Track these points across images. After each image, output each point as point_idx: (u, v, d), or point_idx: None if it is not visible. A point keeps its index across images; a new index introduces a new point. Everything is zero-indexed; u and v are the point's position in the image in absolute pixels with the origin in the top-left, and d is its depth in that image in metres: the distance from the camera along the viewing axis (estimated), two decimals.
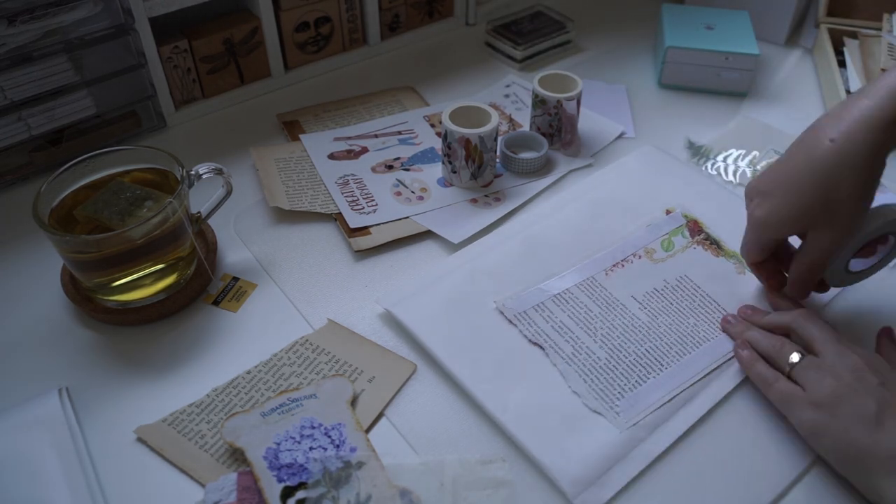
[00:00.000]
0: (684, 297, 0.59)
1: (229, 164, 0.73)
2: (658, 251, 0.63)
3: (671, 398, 0.51)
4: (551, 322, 0.56)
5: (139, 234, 0.53)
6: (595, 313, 0.57)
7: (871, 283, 0.57)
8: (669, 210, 0.67)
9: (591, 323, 0.56)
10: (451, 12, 0.96)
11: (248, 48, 0.81)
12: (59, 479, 0.46)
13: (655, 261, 0.62)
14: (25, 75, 0.65)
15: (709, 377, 0.53)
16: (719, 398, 0.52)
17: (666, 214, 0.66)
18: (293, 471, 0.46)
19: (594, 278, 0.60)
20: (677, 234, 0.64)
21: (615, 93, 0.85)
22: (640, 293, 0.59)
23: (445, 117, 0.67)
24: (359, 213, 0.66)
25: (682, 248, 0.63)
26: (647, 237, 0.64)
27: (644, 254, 0.62)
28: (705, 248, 0.63)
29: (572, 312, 0.57)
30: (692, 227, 0.65)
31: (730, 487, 0.47)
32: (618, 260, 0.62)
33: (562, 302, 0.58)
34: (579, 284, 0.59)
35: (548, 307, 0.57)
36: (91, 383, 0.53)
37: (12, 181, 0.70)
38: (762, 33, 0.92)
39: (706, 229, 0.64)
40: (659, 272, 0.61)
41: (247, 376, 0.53)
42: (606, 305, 0.58)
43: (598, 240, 0.64)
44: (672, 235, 0.64)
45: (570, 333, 0.55)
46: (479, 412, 0.51)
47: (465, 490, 0.46)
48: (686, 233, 0.64)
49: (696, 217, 0.66)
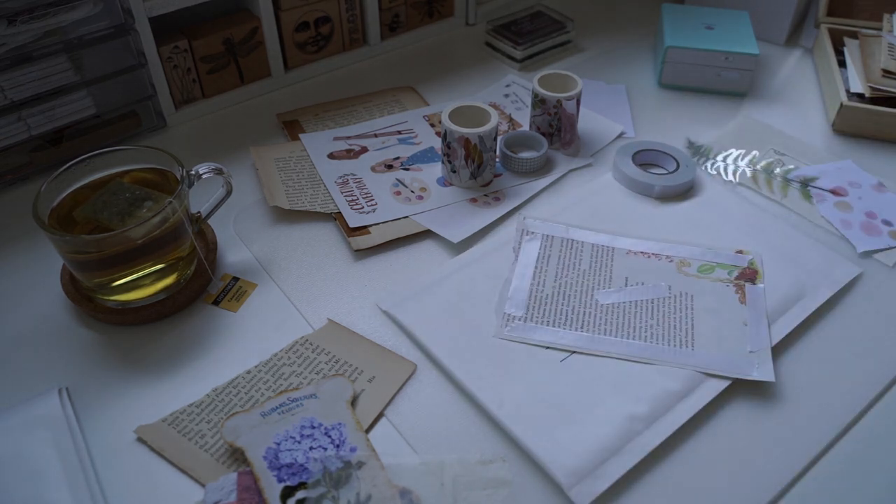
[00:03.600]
0: (669, 307, 0.57)
1: (229, 164, 0.73)
2: (692, 266, 0.60)
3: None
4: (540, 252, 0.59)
5: (139, 234, 0.53)
6: (582, 269, 0.59)
7: (872, 283, 0.57)
8: (741, 251, 0.62)
9: (570, 274, 0.58)
10: (451, 12, 0.96)
11: (248, 48, 0.81)
12: (59, 479, 0.46)
13: (682, 272, 0.60)
14: (25, 75, 0.65)
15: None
16: (716, 393, 0.52)
17: (734, 253, 0.62)
18: (293, 471, 0.46)
19: (612, 248, 0.60)
20: (727, 268, 0.60)
21: (615, 93, 0.85)
22: (637, 281, 0.58)
23: (445, 117, 0.67)
24: (358, 212, 0.66)
25: (717, 279, 0.59)
26: (695, 253, 0.61)
27: (678, 261, 0.60)
28: (736, 292, 0.58)
29: (566, 255, 0.59)
30: (746, 273, 0.60)
31: (728, 483, 0.47)
32: (649, 251, 0.61)
33: (566, 245, 0.60)
34: (595, 244, 0.61)
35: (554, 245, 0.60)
36: (91, 383, 0.53)
37: (12, 181, 0.70)
38: (762, 33, 0.92)
39: (758, 282, 0.59)
40: (674, 279, 0.59)
41: (247, 376, 0.53)
42: (595, 271, 0.59)
43: (623, 232, 0.64)
44: (720, 266, 0.60)
45: (543, 268, 0.59)
46: (480, 412, 0.51)
47: (465, 490, 0.46)
48: (735, 272, 0.60)
49: (760, 269, 0.60)
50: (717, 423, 0.51)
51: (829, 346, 0.56)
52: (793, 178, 0.72)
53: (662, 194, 0.69)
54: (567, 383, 0.52)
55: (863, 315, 0.59)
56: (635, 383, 0.52)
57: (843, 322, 0.58)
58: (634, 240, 0.63)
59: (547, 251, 0.61)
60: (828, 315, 0.59)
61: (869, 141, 0.78)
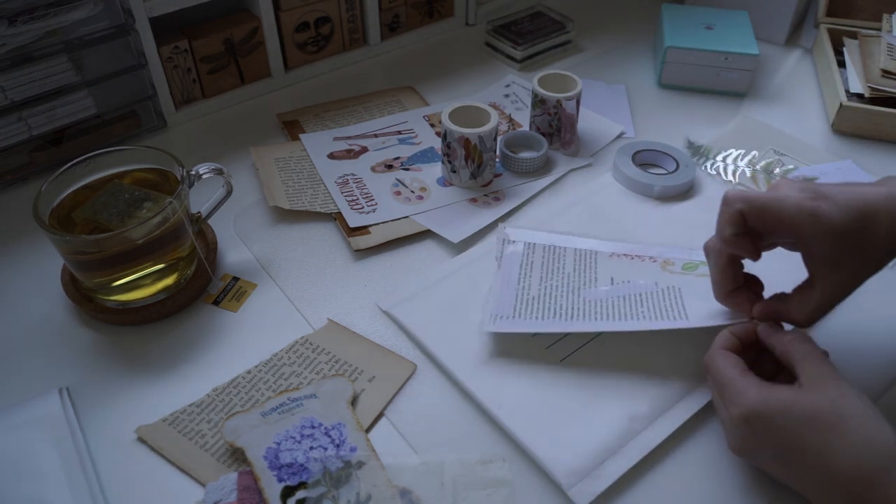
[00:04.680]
0: (658, 297, 0.56)
1: (229, 164, 0.73)
2: (676, 265, 0.59)
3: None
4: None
5: (139, 234, 0.53)
6: (566, 272, 0.59)
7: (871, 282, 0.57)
8: None
9: (555, 277, 0.58)
10: (451, 12, 0.96)
11: (248, 48, 0.81)
12: (60, 479, 0.46)
13: (667, 270, 0.59)
14: (26, 75, 0.65)
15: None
16: None
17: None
18: (293, 470, 0.46)
19: (595, 251, 0.60)
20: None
21: (615, 93, 0.85)
22: (623, 279, 0.58)
23: (445, 117, 0.67)
24: (358, 212, 0.67)
25: (702, 275, 0.56)
26: (677, 253, 0.60)
27: (661, 262, 0.59)
28: None
29: (549, 261, 0.60)
30: None
31: (728, 483, 0.47)
32: (632, 254, 0.60)
33: (548, 252, 0.61)
34: (577, 248, 0.61)
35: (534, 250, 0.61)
36: (91, 383, 0.53)
37: (12, 181, 0.70)
38: (762, 33, 0.92)
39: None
40: (659, 277, 0.58)
41: (247, 376, 0.53)
42: (580, 273, 0.59)
43: (623, 231, 0.63)
44: (703, 264, 0.57)
45: (529, 273, 0.59)
46: (480, 412, 0.51)
47: (465, 490, 0.46)
48: None
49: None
50: (718, 422, 0.51)
51: (829, 346, 0.56)
52: (793, 178, 0.72)
53: (662, 194, 0.69)
54: (567, 383, 0.52)
55: (863, 315, 0.59)
56: (635, 383, 0.52)
57: (842, 322, 0.58)
58: (617, 243, 0.63)
59: (529, 258, 0.61)
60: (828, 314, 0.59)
61: (868, 141, 0.78)
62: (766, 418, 0.43)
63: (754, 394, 0.43)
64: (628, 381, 0.52)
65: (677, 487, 0.47)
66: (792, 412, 0.42)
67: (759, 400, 0.43)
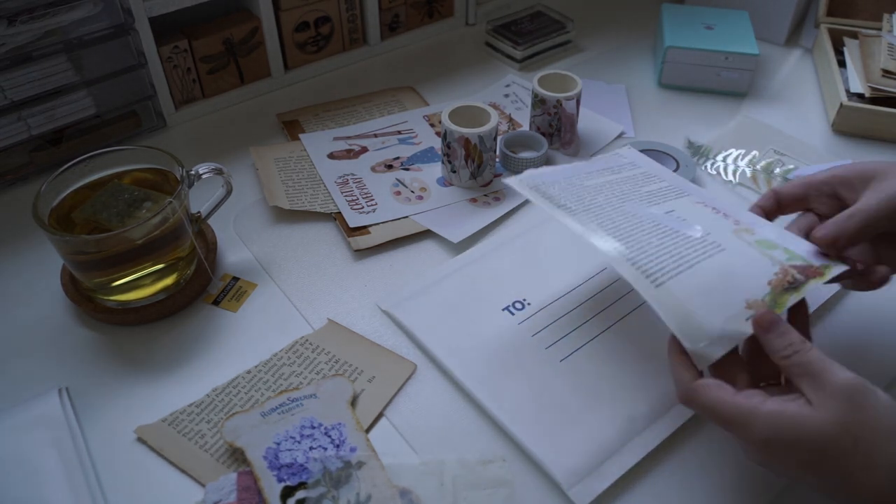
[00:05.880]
0: (686, 246, 0.48)
1: (229, 163, 0.73)
2: (754, 235, 0.50)
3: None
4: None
5: (139, 234, 0.53)
6: (641, 192, 0.55)
7: None
8: (828, 256, 0.50)
9: (623, 186, 0.55)
10: (451, 12, 0.96)
11: (248, 48, 0.81)
12: (59, 479, 0.46)
13: (738, 235, 0.50)
14: (25, 75, 0.65)
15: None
16: None
17: (818, 251, 0.50)
18: (293, 470, 0.46)
19: (686, 193, 0.56)
20: (791, 254, 0.49)
21: (615, 93, 0.85)
22: (682, 217, 0.51)
23: (445, 117, 0.67)
24: (358, 212, 0.66)
25: (767, 255, 0.48)
26: (766, 229, 0.51)
27: (743, 227, 0.51)
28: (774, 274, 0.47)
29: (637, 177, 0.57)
30: (810, 270, 0.48)
31: (729, 483, 0.47)
32: (720, 209, 0.53)
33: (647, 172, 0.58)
34: (672, 184, 0.58)
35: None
36: (91, 383, 0.53)
37: (12, 181, 0.70)
38: (762, 33, 0.92)
39: (809, 283, 0.47)
40: (721, 235, 0.49)
41: (247, 376, 0.53)
42: (653, 197, 0.54)
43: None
44: (786, 251, 0.49)
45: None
46: (480, 412, 0.51)
47: (465, 490, 0.46)
48: (797, 261, 0.48)
49: (826, 276, 0.48)
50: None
51: (829, 345, 0.56)
52: (793, 178, 0.72)
53: None
54: (567, 383, 0.52)
55: (862, 315, 0.59)
56: (635, 383, 0.52)
57: (842, 322, 0.58)
58: (712, 197, 0.56)
59: (621, 165, 0.58)
60: (828, 315, 0.59)
61: (869, 141, 0.78)
62: (778, 441, 0.40)
63: (761, 422, 0.40)
64: (628, 381, 0.52)
65: (677, 487, 0.47)
66: (801, 442, 0.39)
67: (768, 428, 0.40)
